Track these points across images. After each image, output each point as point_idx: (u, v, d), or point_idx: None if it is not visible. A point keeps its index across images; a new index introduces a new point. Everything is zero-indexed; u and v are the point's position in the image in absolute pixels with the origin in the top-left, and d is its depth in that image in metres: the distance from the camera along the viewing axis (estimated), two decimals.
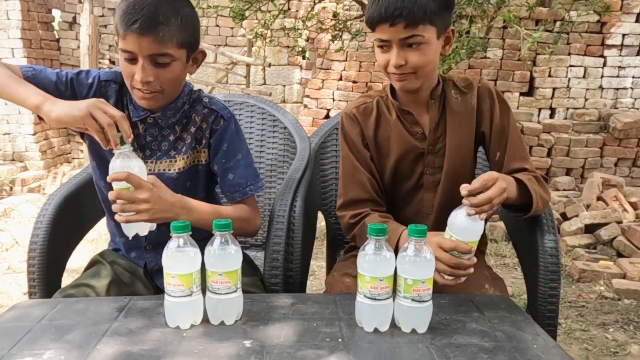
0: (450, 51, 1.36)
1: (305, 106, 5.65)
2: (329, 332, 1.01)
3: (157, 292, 1.38)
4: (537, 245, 1.35)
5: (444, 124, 1.37)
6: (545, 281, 1.32)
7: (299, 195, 1.50)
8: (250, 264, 1.53)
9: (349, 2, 4.88)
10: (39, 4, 6.08)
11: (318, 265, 3.16)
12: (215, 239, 1.02)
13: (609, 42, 5.27)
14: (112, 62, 6.19)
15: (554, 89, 5.36)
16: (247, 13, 4.13)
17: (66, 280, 1.48)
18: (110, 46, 6.25)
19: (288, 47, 5.96)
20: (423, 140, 1.39)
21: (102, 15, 6.27)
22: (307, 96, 5.61)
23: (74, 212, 1.50)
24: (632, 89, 5.42)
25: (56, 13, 6.41)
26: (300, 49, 4.97)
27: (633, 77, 5.39)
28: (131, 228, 1.21)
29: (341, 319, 1.07)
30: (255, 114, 1.86)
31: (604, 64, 5.35)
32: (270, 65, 5.96)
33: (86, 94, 1.28)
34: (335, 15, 4.49)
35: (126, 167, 1.13)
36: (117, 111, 1.14)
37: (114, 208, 1.14)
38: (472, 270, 1.15)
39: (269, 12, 4.63)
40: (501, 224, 3.83)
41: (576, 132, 5.23)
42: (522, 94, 5.40)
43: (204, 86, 5.63)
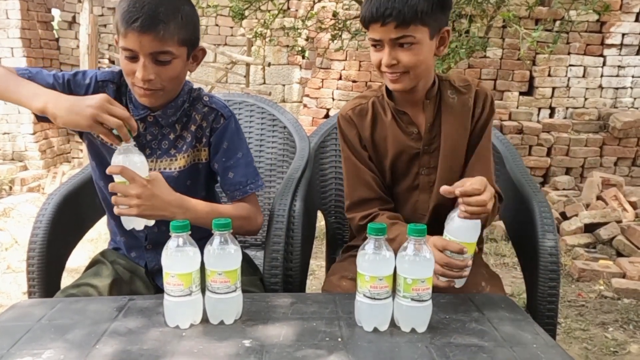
0: (445, 52, 1.36)
1: (304, 106, 5.64)
2: (328, 332, 1.01)
3: (158, 292, 1.38)
4: (536, 245, 1.35)
5: (439, 124, 1.37)
6: (544, 280, 1.32)
7: (298, 195, 1.50)
8: (249, 263, 1.53)
9: (348, 1, 4.87)
10: (39, 3, 6.07)
11: (317, 264, 3.17)
12: (215, 239, 1.02)
13: (608, 41, 5.27)
14: (111, 62, 6.19)
15: (554, 89, 5.36)
16: (246, 12, 4.12)
17: (66, 280, 1.48)
18: (109, 45, 6.25)
19: (288, 46, 5.95)
20: (419, 140, 1.38)
21: (102, 15, 6.27)
22: (307, 95, 5.61)
23: (74, 212, 1.50)
24: (631, 88, 5.42)
25: (55, 12, 6.41)
26: (299, 49, 4.96)
27: (633, 76, 5.38)
28: (127, 222, 1.22)
29: (341, 319, 1.07)
30: (254, 114, 1.86)
31: (604, 64, 5.35)
32: (269, 64, 5.95)
33: (84, 95, 1.27)
34: (334, 14, 4.48)
35: (128, 161, 1.14)
36: (123, 111, 1.13)
37: (112, 200, 1.15)
38: (466, 273, 1.15)
39: (269, 11, 4.62)
40: (501, 223, 3.83)
41: (576, 132, 5.23)
42: (521, 94, 5.40)
43: (203, 85, 5.63)
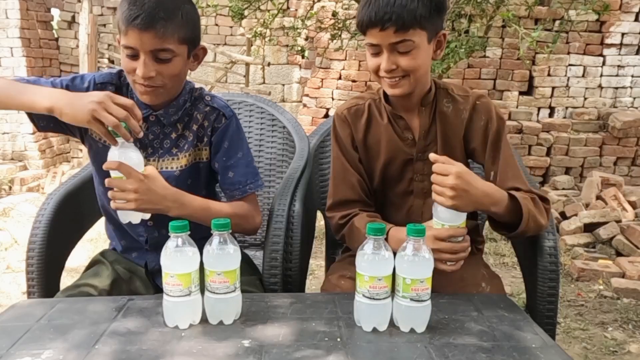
0: (441, 55, 1.35)
1: (304, 105, 5.64)
2: (327, 332, 1.01)
3: (158, 292, 1.38)
4: (536, 245, 1.35)
5: (435, 131, 1.36)
6: (544, 280, 1.32)
7: (297, 195, 1.50)
8: (249, 263, 1.53)
9: (348, 1, 4.87)
10: (38, 3, 6.07)
11: (317, 264, 3.17)
12: (214, 239, 1.02)
13: (608, 41, 5.27)
14: (111, 62, 6.19)
15: (553, 88, 5.36)
16: (246, 12, 4.13)
17: (65, 280, 1.48)
18: (109, 45, 6.25)
19: (287, 46, 5.95)
20: (413, 146, 1.38)
21: (101, 15, 6.26)
22: (307, 95, 5.61)
23: (73, 212, 1.50)
24: (631, 88, 5.42)
25: (55, 12, 6.40)
26: (299, 48, 4.97)
27: (632, 76, 5.38)
28: (124, 216, 1.22)
29: (340, 319, 1.07)
30: (254, 113, 1.86)
31: (603, 63, 5.35)
32: (269, 64, 5.95)
33: None
34: (334, 14, 4.48)
35: (124, 157, 1.15)
36: (121, 110, 1.11)
37: (109, 194, 1.16)
38: (469, 249, 1.18)
39: (268, 11, 4.62)
40: None
41: (575, 131, 5.23)
42: (521, 93, 5.40)
43: (203, 85, 5.62)
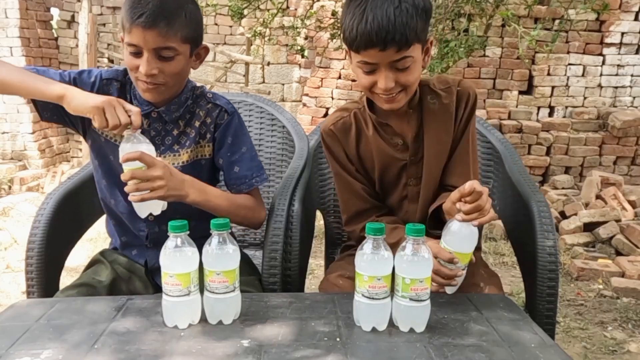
0: (429, 62, 1.31)
1: (304, 105, 5.64)
2: (326, 332, 1.01)
3: (158, 291, 1.38)
4: (535, 244, 1.34)
5: (426, 132, 1.34)
6: (543, 280, 1.32)
7: (297, 194, 1.50)
8: (248, 263, 1.53)
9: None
10: (38, 2, 6.07)
11: (317, 264, 3.17)
12: (213, 239, 1.02)
13: (607, 40, 5.27)
14: (110, 61, 6.18)
15: (553, 88, 5.36)
16: (245, 11, 4.13)
17: (65, 279, 1.48)
18: (108, 45, 6.24)
19: (287, 45, 5.95)
20: (405, 151, 1.35)
21: (101, 14, 6.26)
22: (306, 95, 5.61)
23: (73, 211, 1.50)
24: (630, 87, 5.42)
25: (55, 12, 6.40)
26: (299, 48, 4.97)
27: (632, 75, 5.39)
28: (144, 208, 1.21)
29: (339, 318, 1.07)
30: (253, 113, 1.86)
31: (603, 63, 5.35)
32: (269, 63, 5.95)
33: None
34: (333, 13, 4.48)
35: (136, 149, 1.15)
36: (126, 116, 1.16)
37: (128, 189, 1.15)
38: (455, 282, 1.15)
39: (268, 10, 4.62)
40: (500, 222, 3.83)
41: (575, 131, 5.23)
42: (521, 93, 5.40)
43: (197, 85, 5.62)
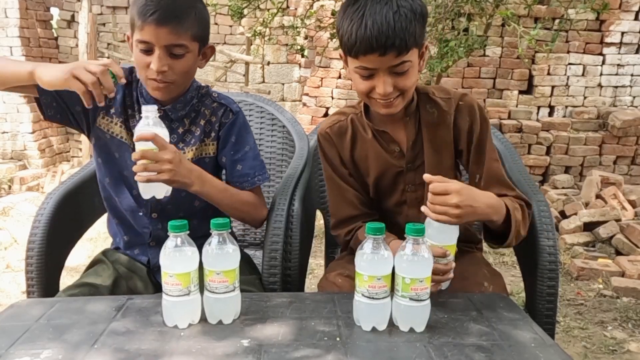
0: (424, 67, 1.29)
1: (304, 104, 5.64)
2: (326, 331, 1.01)
3: (158, 291, 1.38)
4: (535, 244, 1.35)
5: (421, 140, 1.33)
6: (543, 279, 1.32)
7: (297, 194, 1.50)
8: (249, 262, 1.53)
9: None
10: (37, 2, 6.07)
11: (316, 263, 3.17)
12: (213, 239, 1.02)
13: (607, 40, 5.27)
14: None
15: (553, 87, 5.36)
16: (245, 11, 4.12)
17: (65, 279, 1.48)
18: (108, 44, 6.24)
19: (287, 45, 5.95)
20: (401, 157, 1.35)
21: (101, 14, 6.26)
22: (306, 94, 5.61)
23: (73, 211, 1.50)
24: (630, 87, 5.42)
25: (54, 11, 6.40)
26: (299, 47, 4.96)
27: (632, 75, 5.39)
28: (149, 190, 1.20)
29: (339, 318, 1.07)
30: (253, 113, 1.86)
31: (603, 62, 5.35)
32: (269, 63, 5.95)
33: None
34: (333, 13, 4.48)
35: (151, 131, 1.15)
36: (98, 67, 1.12)
37: (136, 168, 1.15)
38: (451, 275, 1.13)
39: (268, 10, 4.62)
40: None
41: (575, 130, 5.23)
42: (521, 92, 5.40)
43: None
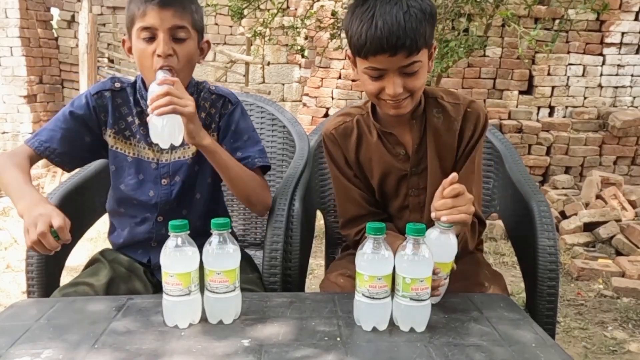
0: (432, 66, 1.30)
1: (304, 105, 5.64)
2: (327, 331, 1.01)
3: (157, 292, 1.38)
4: (535, 244, 1.34)
5: (426, 144, 1.33)
6: (543, 280, 1.32)
7: (297, 194, 1.50)
8: (249, 262, 1.53)
9: (347, 0, 4.87)
10: (38, 2, 6.07)
11: (317, 263, 3.17)
12: (213, 239, 1.02)
13: (608, 40, 5.27)
14: (110, 61, 6.19)
15: (553, 88, 5.36)
16: (245, 11, 4.12)
17: (65, 279, 1.48)
18: (109, 45, 6.24)
19: (287, 45, 5.95)
20: (406, 161, 1.35)
21: (101, 14, 6.26)
22: (306, 95, 5.61)
23: (73, 211, 1.49)
24: (631, 87, 5.42)
25: (55, 11, 6.41)
26: (299, 48, 4.96)
27: (632, 75, 5.38)
28: (167, 132, 1.18)
29: (339, 318, 1.07)
30: (254, 113, 1.86)
31: (603, 63, 5.35)
32: (269, 63, 5.95)
33: (89, 114, 1.35)
34: (333, 13, 4.48)
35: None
36: (41, 229, 1.08)
37: (163, 101, 1.15)
38: (438, 292, 1.10)
39: (268, 10, 4.62)
40: (500, 222, 3.83)
41: (575, 131, 5.23)
42: (521, 93, 5.40)
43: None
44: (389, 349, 0.95)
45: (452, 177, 1.09)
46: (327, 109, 5.52)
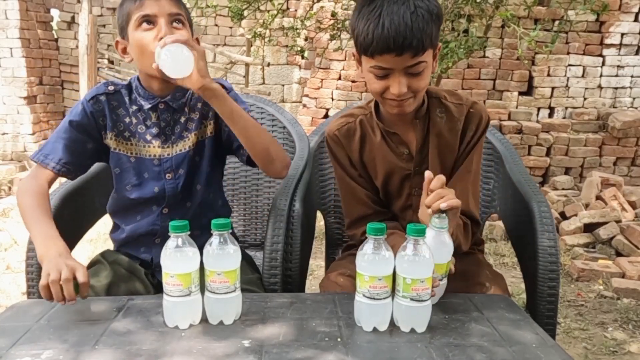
0: (437, 67, 1.31)
1: (304, 106, 5.64)
2: (327, 332, 1.01)
3: (158, 292, 1.38)
4: (536, 245, 1.35)
5: (430, 144, 1.34)
6: (544, 280, 1.32)
7: (298, 195, 1.50)
8: (250, 263, 1.53)
9: (347, 1, 4.87)
10: (38, 3, 6.08)
11: (317, 264, 3.17)
12: (214, 239, 1.02)
13: (607, 41, 5.27)
14: (110, 62, 6.19)
15: (553, 88, 5.36)
16: (245, 13, 4.12)
17: None
18: (109, 46, 6.24)
19: (287, 46, 5.95)
20: (410, 160, 1.36)
21: (101, 15, 6.26)
22: (306, 95, 5.61)
23: (73, 212, 1.50)
24: (630, 88, 5.42)
25: (55, 13, 6.41)
26: (299, 49, 4.97)
27: (632, 76, 5.38)
28: (179, 63, 1.19)
29: (340, 319, 1.07)
30: (254, 113, 1.86)
31: (603, 63, 5.35)
32: (269, 64, 5.95)
33: (88, 120, 1.36)
34: (333, 14, 4.49)
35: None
36: (66, 273, 1.07)
37: (172, 37, 1.19)
38: (434, 294, 1.08)
39: (268, 11, 4.62)
40: (500, 223, 3.83)
41: (575, 132, 5.23)
42: (521, 93, 5.40)
43: None
44: (389, 350, 0.95)
45: (429, 175, 1.10)
46: (327, 109, 5.52)
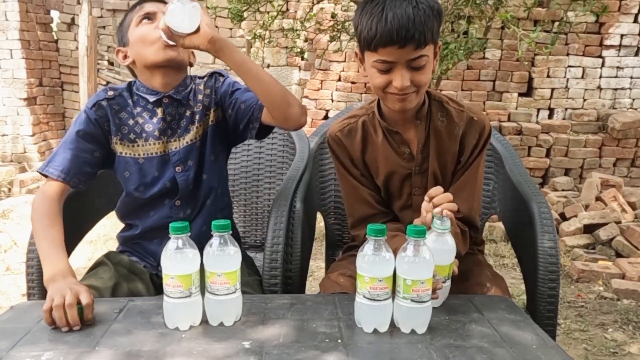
0: (437, 66, 1.33)
1: None
2: (328, 333, 1.01)
3: (159, 293, 1.38)
4: (536, 246, 1.35)
5: (430, 145, 1.36)
6: (544, 281, 1.32)
7: (298, 196, 1.50)
8: (250, 264, 1.53)
9: (347, 2, 4.88)
10: (38, 5, 6.07)
11: (317, 265, 3.16)
12: (214, 240, 1.02)
13: (607, 42, 5.28)
14: (110, 63, 6.19)
15: (553, 90, 5.37)
16: (245, 14, 4.12)
17: None
18: (108, 47, 6.24)
19: (287, 47, 5.94)
20: (411, 160, 1.37)
21: (101, 17, 6.26)
22: (306, 97, 5.61)
23: (73, 213, 1.50)
24: (630, 89, 5.42)
25: (54, 14, 6.40)
26: (298, 50, 4.96)
27: (631, 77, 5.39)
28: (188, 17, 1.20)
29: (340, 320, 1.07)
30: None
31: (603, 65, 5.35)
32: (269, 66, 5.95)
33: (94, 128, 1.37)
34: (333, 16, 4.49)
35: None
36: (70, 298, 1.07)
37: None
38: (436, 296, 1.08)
39: (268, 13, 4.62)
40: (500, 224, 3.83)
41: (575, 133, 5.24)
42: (520, 95, 5.40)
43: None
44: (390, 351, 0.95)
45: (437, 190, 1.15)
46: (327, 111, 5.53)
